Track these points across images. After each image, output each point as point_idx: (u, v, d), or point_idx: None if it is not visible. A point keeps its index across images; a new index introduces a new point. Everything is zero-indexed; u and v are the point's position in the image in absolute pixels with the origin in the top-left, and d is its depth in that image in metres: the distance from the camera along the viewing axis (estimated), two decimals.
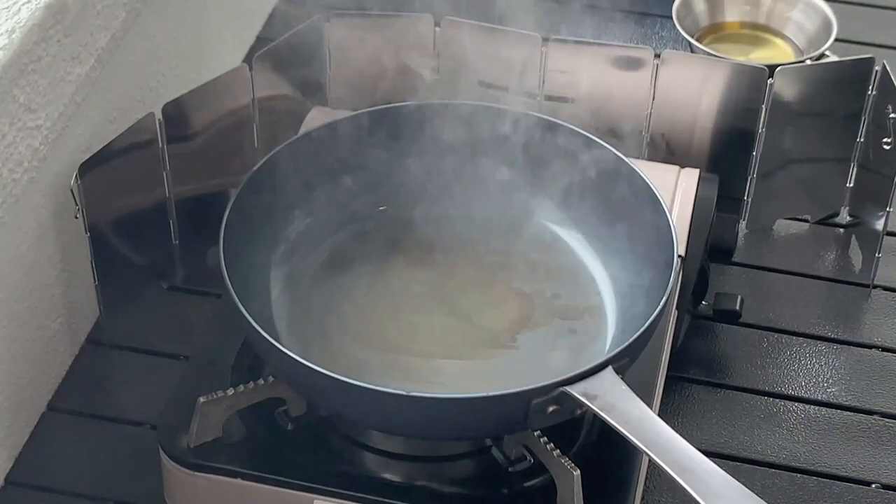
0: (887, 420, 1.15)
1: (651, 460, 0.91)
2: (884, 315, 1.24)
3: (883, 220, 1.23)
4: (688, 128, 1.25)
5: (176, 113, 1.16)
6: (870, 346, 1.21)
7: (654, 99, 1.23)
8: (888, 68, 1.20)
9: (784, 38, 1.40)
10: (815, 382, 1.18)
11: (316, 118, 1.22)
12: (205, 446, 0.99)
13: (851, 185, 1.28)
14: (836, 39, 1.36)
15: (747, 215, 1.29)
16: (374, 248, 1.12)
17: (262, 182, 1.07)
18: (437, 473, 1.01)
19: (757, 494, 1.08)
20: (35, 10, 1.01)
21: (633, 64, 1.22)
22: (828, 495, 1.10)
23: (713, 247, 1.19)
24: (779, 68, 1.21)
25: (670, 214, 1.04)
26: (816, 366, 1.19)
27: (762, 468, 1.11)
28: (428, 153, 1.14)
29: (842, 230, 1.31)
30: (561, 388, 0.92)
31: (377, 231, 1.13)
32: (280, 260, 1.09)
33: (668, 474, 0.89)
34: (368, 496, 0.98)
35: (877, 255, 1.25)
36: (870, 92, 1.22)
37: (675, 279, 1.01)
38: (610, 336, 1.05)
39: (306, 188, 1.11)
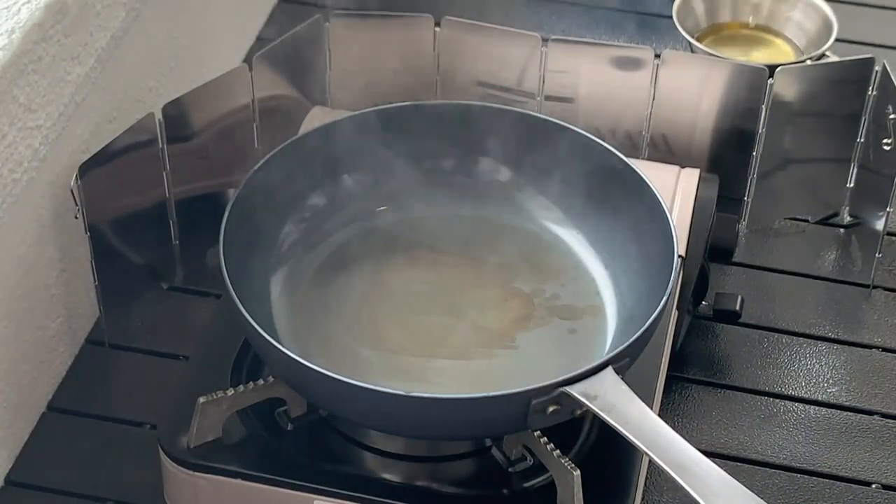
0: (887, 420, 1.15)
1: (651, 460, 0.91)
2: (884, 315, 1.24)
3: (883, 220, 1.23)
4: (688, 128, 1.25)
5: (176, 113, 1.16)
6: (870, 346, 1.21)
7: (654, 99, 1.23)
8: (888, 68, 1.20)
9: (784, 38, 1.40)
10: (815, 382, 1.18)
11: (316, 118, 1.22)
12: (205, 446, 0.99)
13: (851, 185, 1.28)
14: (836, 39, 1.36)
15: (747, 215, 1.29)
16: (374, 248, 1.12)
17: (262, 182, 1.07)
18: (437, 473, 1.01)
19: (757, 494, 1.09)
20: (35, 10, 1.01)
21: (633, 64, 1.22)
22: (828, 495, 1.10)
23: (713, 247, 1.19)
24: (779, 68, 1.21)
25: (670, 214, 1.04)
26: (816, 366, 1.19)
27: (762, 468, 1.11)
28: (428, 153, 1.14)
29: (842, 230, 1.31)
30: (561, 388, 0.92)
31: (377, 231, 1.13)
32: (280, 260, 1.09)
33: (668, 474, 0.89)
34: (368, 496, 0.98)
35: (877, 255, 1.25)
36: (870, 92, 1.22)
37: (675, 279, 1.01)
38: (610, 336, 1.05)
39: (306, 188, 1.11)
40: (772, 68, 1.21)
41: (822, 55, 1.36)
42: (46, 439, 1.12)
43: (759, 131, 1.23)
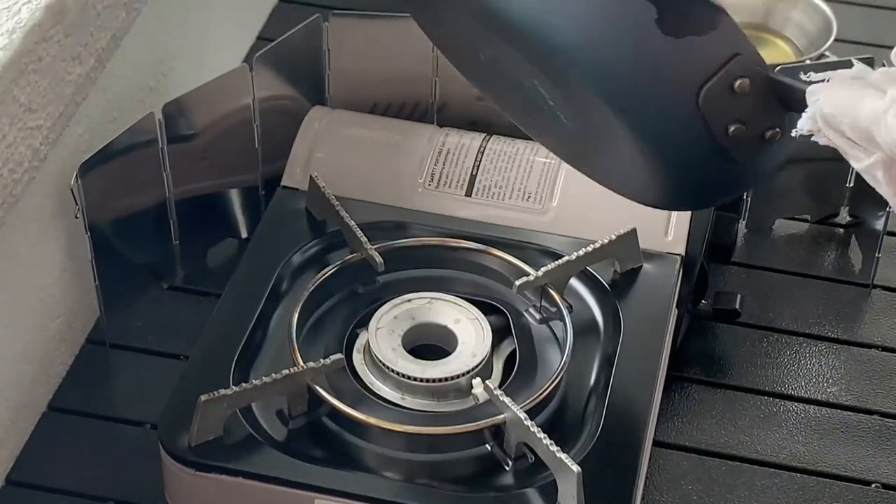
0: (887, 420, 1.15)
1: None
2: (884, 315, 1.24)
3: (883, 219, 1.23)
4: None
5: (176, 113, 1.16)
6: (870, 346, 1.21)
7: None
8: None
9: (784, 38, 1.40)
10: (815, 382, 1.18)
11: (316, 118, 1.22)
12: (206, 445, 0.99)
13: (851, 184, 1.28)
14: (836, 39, 1.36)
15: (747, 215, 1.29)
16: None
17: None
18: (437, 473, 1.01)
19: (757, 494, 1.09)
20: (35, 10, 1.01)
21: None
22: (828, 495, 1.10)
23: (713, 246, 1.19)
24: (778, 68, 1.21)
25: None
26: (816, 366, 1.19)
27: (762, 468, 1.11)
28: None
29: (842, 230, 1.31)
30: None
31: None
32: None
33: None
34: (368, 496, 0.98)
35: (877, 255, 1.25)
36: None
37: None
38: None
39: None
40: (771, 68, 1.21)
41: (822, 55, 1.36)
42: (46, 439, 1.12)
43: None
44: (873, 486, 1.11)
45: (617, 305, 1.09)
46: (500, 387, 1.02)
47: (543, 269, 1.09)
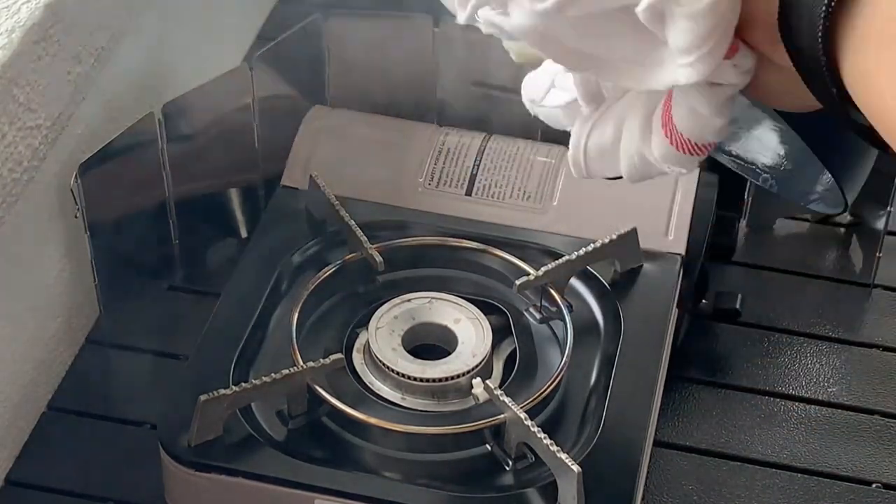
0: (888, 420, 1.15)
1: None
2: (884, 315, 1.24)
3: (883, 219, 1.23)
4: None
5: (176, 113, 1.16)
6: (870, 346, 1.21)
7: None
8: None
9: None
10: (815, 382, 1.18)
11: (316, 118, 1.22)
12: (205, 445, 0.99)
13: None
14: None
15: (747, 214, 1.29)
16: None
17: None
18: (437, 473, 1.01)
19: (757, 494, 1.09)
20: (35, 9, 1.01)
21: None
22: (828, 495, 1.09)
23: (713, 246, 1.19)
24: None
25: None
26: (816, 366, 1.19)
27: (762, 468, 1.11)
28: None
29: (842, 229, 1.31)
30: None
31: None
32: None
33: None
34: (368, 496, 0.98)
35: (877, 254, 1.24)
36: None
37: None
38: None
39: None
40: None
41: None
42: (46, 439, 1.12)
43: None
44: (874, 486, 1.10)
45: (617, 305, 1.09)
46: (500, 387, 1.02)
47: (543, 269, 1.09)
